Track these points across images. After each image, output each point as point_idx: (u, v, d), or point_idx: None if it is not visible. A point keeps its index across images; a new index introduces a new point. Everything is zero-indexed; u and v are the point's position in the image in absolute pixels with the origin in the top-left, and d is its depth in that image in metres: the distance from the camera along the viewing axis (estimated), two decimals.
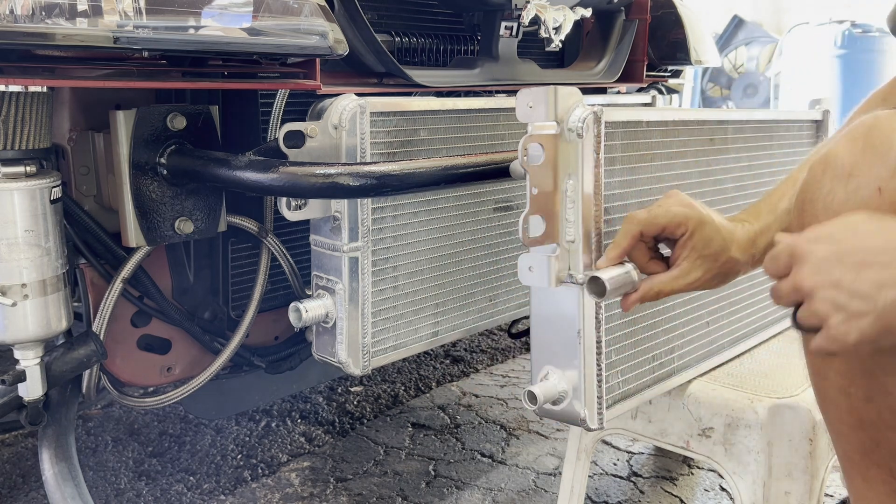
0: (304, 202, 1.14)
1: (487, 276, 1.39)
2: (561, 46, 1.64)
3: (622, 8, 1.88)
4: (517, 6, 1.53)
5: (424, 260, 1.28)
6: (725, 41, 7.08)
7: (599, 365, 1.02)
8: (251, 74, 1.22)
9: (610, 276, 0.93)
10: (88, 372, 1.20)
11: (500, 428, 2.03)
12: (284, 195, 1.10)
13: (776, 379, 1.23)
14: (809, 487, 1.14)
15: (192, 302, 1.33)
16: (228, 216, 1.26)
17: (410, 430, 2.02)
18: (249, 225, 1.29)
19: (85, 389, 1.22)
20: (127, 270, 1.19)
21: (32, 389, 1.10)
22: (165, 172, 1.16)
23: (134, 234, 1.16)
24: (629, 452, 1.88)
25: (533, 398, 1.01)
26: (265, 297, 1.34)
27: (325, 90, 1.24)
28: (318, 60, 1.21)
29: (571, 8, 1.63)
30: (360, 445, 1.93)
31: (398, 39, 1.56)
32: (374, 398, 2.21)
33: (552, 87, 0.95)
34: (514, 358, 2.56)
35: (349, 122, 1.11)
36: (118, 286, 1.19)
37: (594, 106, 0.97)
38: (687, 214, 0.93)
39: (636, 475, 1.79)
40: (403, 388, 2.28)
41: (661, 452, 1.87)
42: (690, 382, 1.22)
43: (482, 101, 1.36)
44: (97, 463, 1.83)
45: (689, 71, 3.54)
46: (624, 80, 1.92)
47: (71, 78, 1.05)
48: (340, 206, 1.14)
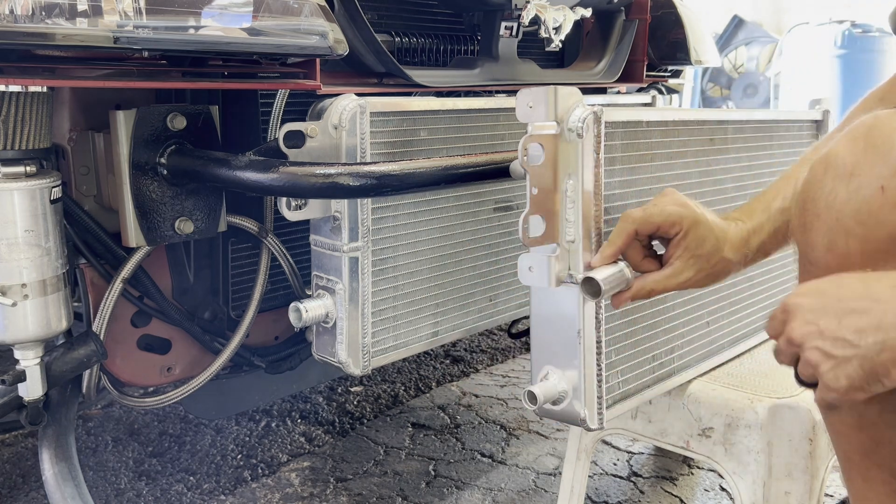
0: (304, 202, 1.14)
1: (487, 276, 1.39)
2: (561, 46, 1.64)
3: (622, 8, 1.88)
4: (517, 6, 1.53)
5: (424, 260, 1.28)
6: (725, 41, 7.08)
7: (599, 365, 1.02)
8: (251, 74, 1.22)
9: (604, 276, 0.93)
10: (88, 372, 1.20)
11: (500, 428, 2.03)
12: (284, 195, 1.10)
13: (776, 379, 1.23)
14: (809, 487, 1.14)
15: (192, 302, 1.33)
16: (228, 216, 1.26)
17: (410, 430, 2.02)
18: (249, 225, 1.29)
19: (85, 389, 1.22)
20: (127, 270, 1.19)
21: (32, 389, 1.10)
22: (165, 172, 1.16)
23: (134, 234, 1.16)
24: (629, 452, 1.88)
25: (533, 398, 1.01)
26: (265, 297, 1.34)
27: (325, 90, 1.24)
28: (318, 60, 1.21)
29: (571, 8, 1.63)
30: (360, 445, 1.93)
31: (398, 39, 1.56)
32: (374, 398, 2.21)
33: (552, 87, 0.95)
34: (514, 358, 2.56)
35: (349, 122, 1.11)
36: (118, 286, 1.19)
37: (594, 106, 0.97)
38: (681, 214, 0.93)
39: (636, 475, 1.79)
40: (403, 388, 2.28)
41: (661, 452, 1.87)
42: (690, 382, 1.22)
43: (482, 101, 1.36)
44: (97, 463, 1.83)
45: (689, 71, 3.54)
46: (624, 80, 1.92)
47: (71, 78, 1.05)
48: (340, 206, 1.14)
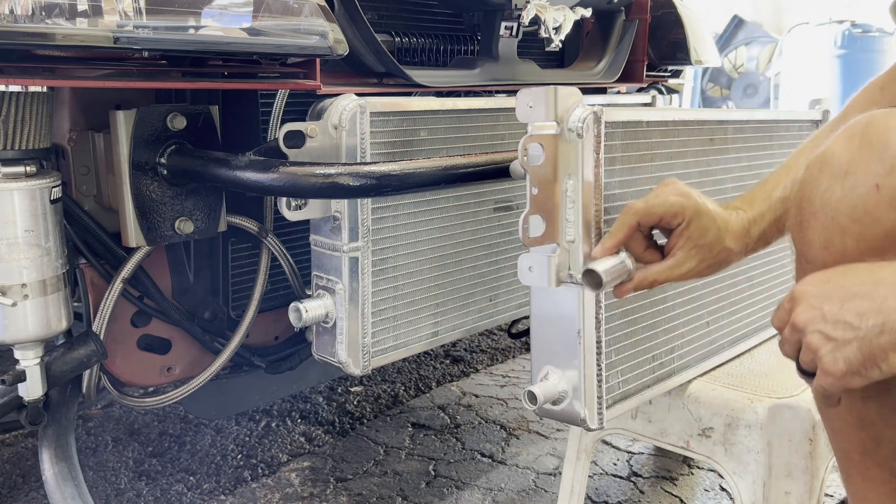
0: (304, 202, 1.14)
1: (487, 276, 1.39)
2: (561, 46, 1.64)
3: (622, 8, 1.88)
4: (517, 6, 1.53)
5: (424, 260, 1.28)
6: (725, 41, 7.08)
7: (599, 365, 1.02)
8: (251, 74, 1.22)
9: (605, 267, 0.92)
10: (88, 372, 1.20)
11: (500, 428, 2.03)
12: (284, 195, 1.10)
13: (776, 379, 1.23)
14: (809, 487, 1.14)
15: (192, 302, 1.33)
16: (228, 216, 1.26)
17: (410, 430, 2.02)
18: (249, 225, 1.29)
19: (85, 389, 1.22)
20: (127, 270, 1.19)
21: (32, 389, 1.10)
22: (165, 172, 1.16)
23: (134, 234, 1.16)
24: (629, 452, 1.88)
25: (533, 398, 1.01)
26: (265, 297, 1.34)
27: (325, 90, 1.24)
28: (318, 60, 1.21)
29: (571, 8, 1.63)
30: (360, 445, 1.93)
31: (398, 39, 1.56)
32: (374, 398, 2.21)
33: (552, 87, 0.95)
34: (514, 358, 2.56)
35: (349, 122, 1.11)
36: (118, 286, 1.19)
37: (594, 106, 0.97)
38: (683, 204, 0.93)
39: (636, 475, 1.79)
40: (403, 388, 2.28)
41: (661, 452, 1.87)
42: (690, 382, 1.22)
43: (482, 101, 1.36)
44: (97, 463, 1.83)
45: (689, 71, 3.54)
46: (624, 80, 1.92)
47: (71, 78, 1.05)
48: (340, 206, 1.14)
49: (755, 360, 1.34)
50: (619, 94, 2.04)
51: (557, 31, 1.60)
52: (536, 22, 1.58)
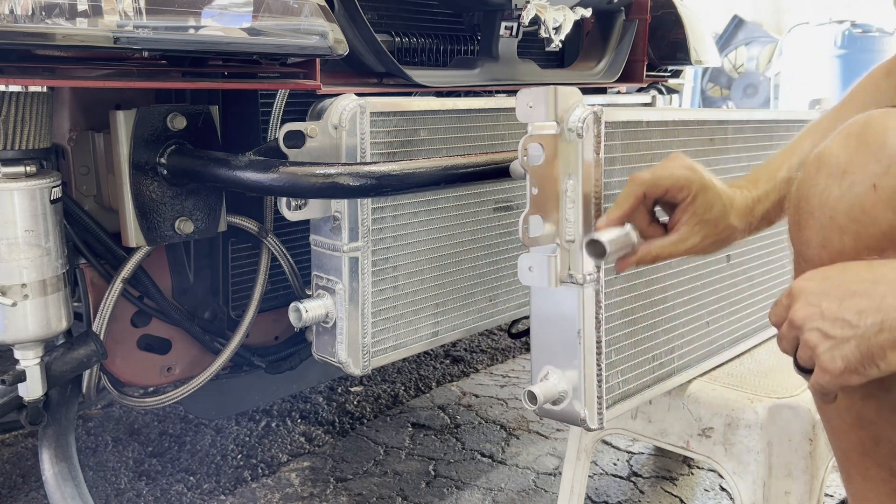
0: (304, 202, 1.14)
1: (487, 276, 1.39)
2: (561, 46, 1.64)
3: (622, 8, 1.88)
4: (517, 6, 1.53)
5: (424, 260, 1.28)
6: (725, 41, 7.09)
7: (599, 365, 1.02)
8: (251, 74, 1.22)
9: (610, 237, 0.90)
10: (88, 372, 1.20)
11: (500, 428, 2.03)
12: (284, 195, 1.10)
13: (776, 379, 1.23)
14: (809, 487, 1.14)
15: (192, 302, 1.33)
16: (228, 216, 1.26)
17: (410, 430, 2.02)
18: (249, 225, 1.29)
19: (85, 389, 1.22)
20: (127, 270, 1.19)
21: (32, 389, 1.10)
22: (165, 172, 1.16)
23: (134, 234, 1.16)
24: (629, 452, 1.88)
25: (533, 398, 1.01)
26: (265, 297, 1.34)
27: (325, 90, 1.24)
28: (318, 60, 1.21)
29: (571, 8, 1.63)
30: (360, 445, 1.93)
31: (398, 39, 1.56)
32: (374, 398, 2.21)
33: (552, 87, 0.95)
34: (514, 358, 2.56)
35: (349, 122, 1.11)
36: (118, 286, 1.19)
37: (594, 106, 0.97)
38: (690, 178, 0.92)
39: (636, 475, 1.79)
40: (403, 388, 2.28)
41: (661, 452, 1.87)
42: (690, 382, 1.22)
43: (482, 101, 1.36)
44: (97, 463, 1.83)
45: (689, 71, 3.54)
46: (624, 80, 1.92)
47: (71, 78, 1.05)
48: (340, 206, 1.14)
49: (755, 360, 1.34)
50: (619, 94, 2.04)
51: (557, 31, 1.60)
52: (536, 22, 1.58)
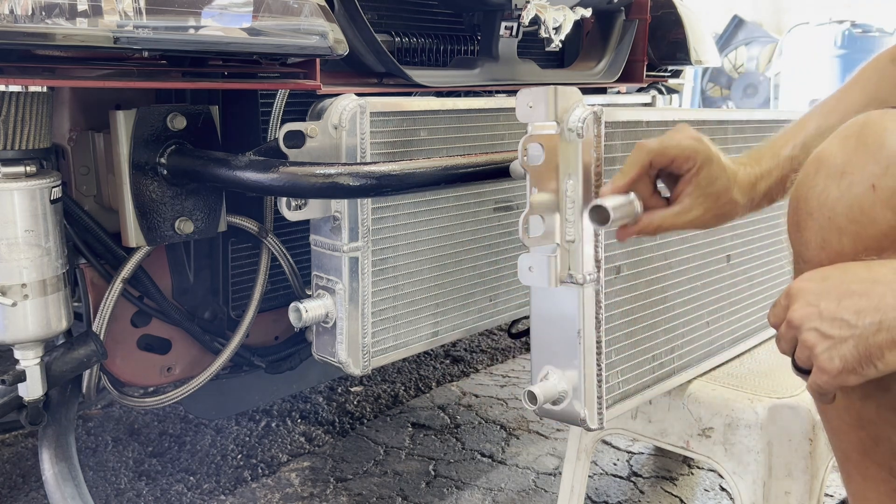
0: (304, 202, 1.14)
1: (487, 276, 1.39)
2: (561, 46, 1.64)
3: (622, 8, 1.88)
4: (517, 6, 1.53)
5: (424, 260, 1.28)
6: (725, 41, 7.09)
7: (599, 365, 1.02)
8: (251, 74, 1.22)
9: (614, 203, 0.89)
10: (88, 372, 1.20)
11: (500, 428, 2.03)
12: (284, 195, 1.10)
13: (776, 379, 1.23)
14: (809, 487, 1.14)
15: (192, 302, 1.33)
16: (228, 216, 1.26)
17: (410, 430, 2.02)
18: (249, 225, 1.29)
19: (85, 389, 1.22)
20: (127, 270, 1.19)
21: (32, 389, 1.10)
22: (165, 172, 1.16)
23: (134, 234, 1.16)
24: (629, 452, 1.88)
25: (533, 398, 1.01)
26: (265, 297, 1.34)
27: (325, 90, 1.24)
28: (318, 60, 1.21)
29: (571, 8, 1.63)
30: (360, 445, 1.93)
31: (398, 39, 1.56)
32: (374, 398, 2.21)
33: (552, 86, 0.95)
34: (514, 358, 2.56)
35: (349, 122, 1.11)
36: (118, 286, 1.19)
37: (594, 106, 0.97)
38: (696, 149, 0.91)
39: (636, 475, 1.79)
40: (403, 388, 2.28)
41: (661, 452, 1.87)
42: (690, 382, 1.22)
43: (482, 101, 1.36)
44: (97, 463, 1.83)
45: (689, 71, 3.54)
46: (624, 80, 1.92)
47: (71, 78, 1.05)
48: (340, 206, 1.14)
49: (755, 360, 1.34)
50: (619, 94, 2.04)
51: (557, 31, 1.60)
52: (536, 22, 1.58)
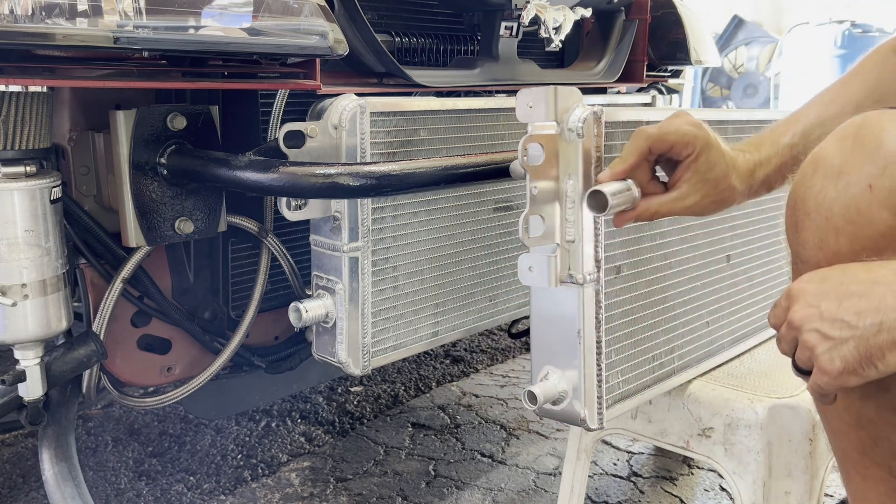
0: (304, 202, 1.14)
1: (487, 276, 1.39)
2: (561, 46, 1.64)
3: (622, 8, 1.88)
4: (517, 6, 1.53)
5: (424, 260, 1.28)
6: (725, 41, 7.09)
7: (599, 365, 1.02)
8: (251, 74, 1.22)
9: (612, 190, 0.90)
10: (88, 372, 1.20)
11: (500, 428, 2.03)
12: (284, 195, 1.10)
13: (776, 379, 1.23)
14: (809, 487, 1.14)
15: (192, 302, 1.33)
16: (228, 216, 1.26)
17: (410, 430, 2.02)
18: (249, 225, 1.29)
19: (85, 389, 1.22)
20: (127, 270, 1.19)
21: (32, 389, 1.10)
22: (165, 172, 1.16)
23: (134, 234, 1.16)
24: (629, 452, 1.88)
25: (533, 398, 1.01)
26: (265, 297, 1.34)
27: (325, 90, 1.24)
28: (318, 60, 1.21)
29: (571, 8, 1.63)
30: (360, 445, 1.93)
31: (398, 39, 1.56)
32: (374, 398, 2.21)
33: (552, 86, 0.95)
34: (514, 358, 2.56)
35: (349, 122, 1.11)
36: (118, 286, 1.19)
37: (594, 106, 0.97)
38: (696, 135, 0.91)
39: (636, 475, 1.79)
40: (403, 388, 2.28)
41: (661, 452, 1.87)
42: (690, 382, 1.22)
43: (482, 101, 1.36)
44: (97, 463, 1.83)
45: (689, 71, 3.54)
46: (624, 80, 1.92)
47: (71, 78, 1.05)
48: (340, 206, 1.14)
49: (755, 360, 1.34)
50: (619, 94, 2.04)
51: (557, 31, 1.60)
52: (536, 22, 1.58)
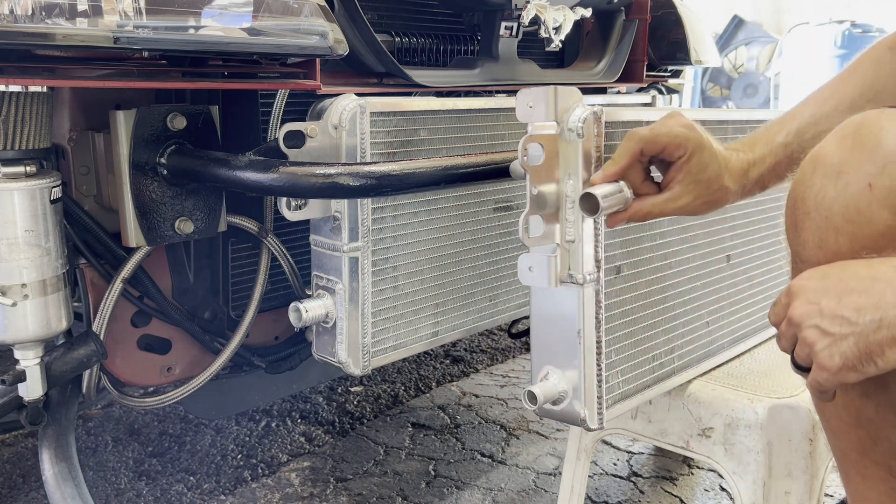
0: (304, 202, 1.14)
1: (487, 276, 1.39)
2: (561, 46, 1.64)
3: (622, 8, 1.88)
4: (517, 6, 1.53)
5: (424, 260, 1.28)
6: (725, 41, 7.09)
7: (599, 365, 1.02)
8: (251, 74, 1.22)
9: (603, 192, 0.91)
10: (88, 372, 1.20)
11: (500, 428, 2.03)
12: (284, 195, 1.10)
13: (776, 379, 1.23)
14: (809, 487, 1.14)
15: (192, 302, 1.33)
16: (228, 216, 1.26)
17: (410, 430, 2.02)
18: (249, 225, 1.29)
19: (85, 389, 1.22)
20: (127, 270, 1.19)
21: (32, 389, 1.10)
22: (165, 172, 1.16)
23: (134, 234, 1.16)
24: (629, 452, 1.88)
25: (533, 398, 1.01)
26: (265, 297, 1.34)
27: (325, 90, 1.24)
28: (318, 60, 1.21)
29: (571, 8, 1.63)
30: (360, 445, 1.93)
31: (398, 39, 1.56)
32: (374, 398, 2.21)
33: (552, 86, 0.95)
34: (514, 358, 2.56)
35: (349, 122, 1.11)
36: (118, 286, 1.19)
37: (594, 106, 0.97)
38: (687, 136, 0.92)
39: (636, 475, 1.79)
40: (403, 388, 2.28)
41: (661, 452, 1.87)
42: (690, 382, 1.22)
43: (482, 101, 1.36)
44: (97, 463, 1.83)
45: (689, 71, 3.54)
46: (624, 80, 1.92)
47: (71, 78, 1.05)
48: (340, 206, 1.14)
49: (755, 360, 1.34)
50: (619, 94, 2.04)
51: (557, 31, 1.60)
52: (536, 22, 1.58)
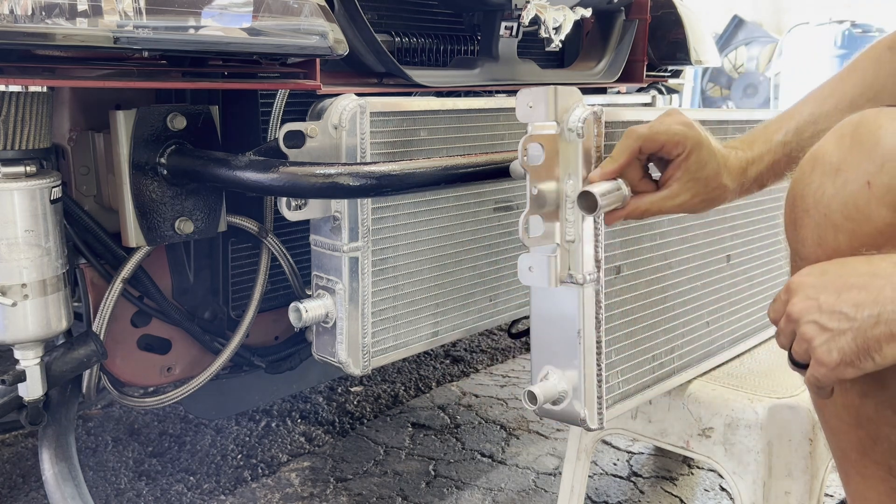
0: (304, 202, 1.14)
1: (487, 276, 1.39)
2: (561, 46, 1.64)
3: (622, 8, 1.88)
4: (517, 6, 1.53)
5: (424, 260, 1.28)
6: (725, 41, 7.09)
7: (599, 365, 1.02)
8: (251, 74, 1.22)
9: (602, 190, 0.91)
10: (88, 372, 1.20)
11: (500, 428, 2.03)
12: (284, 195, 1.10)
13: (776, 379, 1.23)
14: (809, 487, 1.14)
15: (192, 302, 1.33)
16: (228, 216, 1.26)
17: (410, 430, 2.02)
18: (249, 225, 1.29)
19: (85, 389, 1.22)
20: (127, 270, 1.19)
21: (32, 389, 1.10)
22: (165, 172, 1.16)
23: (134, 234, 1.16)
24: (629, 452, 1.88)
25: (533, 398, 1.01)
26: (265, 297, 1.34)
27: (325, 90, 1.24)
28: (318, 60, 1.21)
29: (571, 8, 1.63)
30: (360, 445, 1.93)
31: (398, 39, 1.56)
32: (374, 398, 2.21)
33: (552, 86, 0.95)
34: (514, 358, 2.56)
35: (349, 122, 1.11)
36: (118, 286, 1.19)
37: (594, 106, 0.97)
38: (686, 134, 0.92)
39: (636, 475, 1.79)
40: (403, 388, 2.28)
41: (661, 452, 1.87)
42: (690, 382, 1.22)
43: (482, 101, 1.36)
44: (97, 463, 1.83)
45: (689, 71, 3.54)
46: (624, 80, 1.92)
47: (71, 78, 1.05)
48: (340, 206, 1.14)
49: (755, 360, 1.34)
50: (619, 94, 2.04)
51: (557, 31, 1.60)
52: (536, 22, 1.58)
